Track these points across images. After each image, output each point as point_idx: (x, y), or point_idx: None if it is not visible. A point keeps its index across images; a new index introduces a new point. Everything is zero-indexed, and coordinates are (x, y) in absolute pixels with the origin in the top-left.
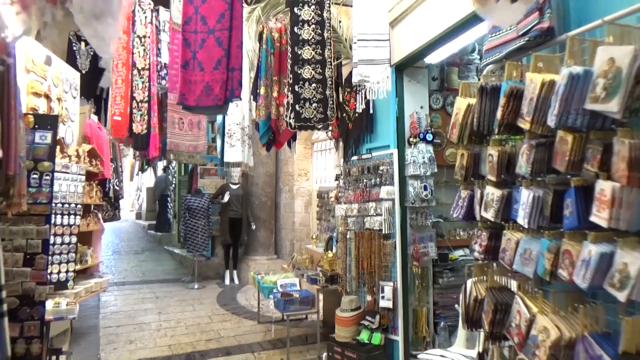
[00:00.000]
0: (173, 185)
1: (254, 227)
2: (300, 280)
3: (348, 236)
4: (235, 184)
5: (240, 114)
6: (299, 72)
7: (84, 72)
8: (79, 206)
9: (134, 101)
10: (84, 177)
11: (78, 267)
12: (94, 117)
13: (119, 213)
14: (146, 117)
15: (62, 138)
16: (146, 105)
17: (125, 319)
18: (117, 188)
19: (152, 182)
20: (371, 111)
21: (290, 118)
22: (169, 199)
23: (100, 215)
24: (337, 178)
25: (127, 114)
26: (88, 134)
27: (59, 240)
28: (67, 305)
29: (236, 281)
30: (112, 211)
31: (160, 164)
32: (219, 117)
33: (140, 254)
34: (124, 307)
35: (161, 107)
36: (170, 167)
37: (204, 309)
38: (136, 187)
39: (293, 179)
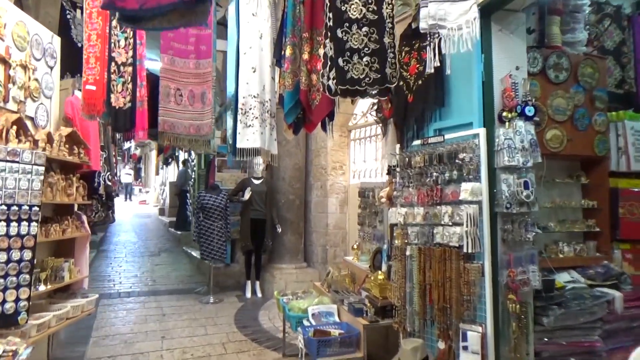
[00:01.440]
0: (192, 180)
1: (279, 230)
2: (339, 308)
3: (409, 253)
4: (257, 178)
5: (258, 82)
6: (342, 8)
7: (80, 45)
8: (36, 208)
9: (114, 64)
10: (42, 169)
11: (49, 287)
12: (79, 94)
13: (113, 215)
14: (130, 87)
15: (33, 118)
16: (130, 69)
17: (120, 346)
18: (109, 183)
19: (175, 177)
20: (445, 74)
21: (329, 79)
22: (188, 195)
23: (84, 218)
24: (389, 171)
25: (103, 81)
26: (69, 115)
27: (0, 257)
28: (3, 353)
29: (259, 294)
30: (104, 212)
31: (181, 156)
32: (230, 87)
33: (156, 255)
34: (121, 329)
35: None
36: (190, 160)
37: (218, 333)
38: (161, 182)
39: (326, 173)
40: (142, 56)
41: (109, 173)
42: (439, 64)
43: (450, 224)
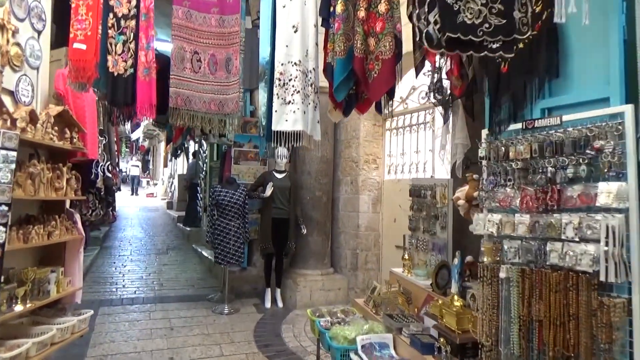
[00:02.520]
0: (204, 173)
1: (304, 231)
2: (395, 338)
3: (504, 275)
4: (280, 172)
5: (300, 45)
6: None
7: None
8: (4, 207)
9: (111, 16)
10: (13, 154)
11: (29, 305)
12: None
13: (114, 212)
14: (132, 47)
15: (14, 92)
16: (133, 24)
17: None
18: (109, 175)
19: (185, 169)
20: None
21: (429, 23)
22: (199, 188)
23: (77, 217)
24: (467, 165)
25: (96, 38)
26: (61, 91)
27: None
28: None
29: (279, 303)
30: (102, 209)
31: (191, 148)
32: (263, 51)
33: (164, 254)
34: (123, 346)
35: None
36: (201, 152)
37: (235, 354)
38: (169, 174)
39: (358, 167)
40: (150, 9)
41: (109, 163)
42: (541, 23)
43: (576, 239)
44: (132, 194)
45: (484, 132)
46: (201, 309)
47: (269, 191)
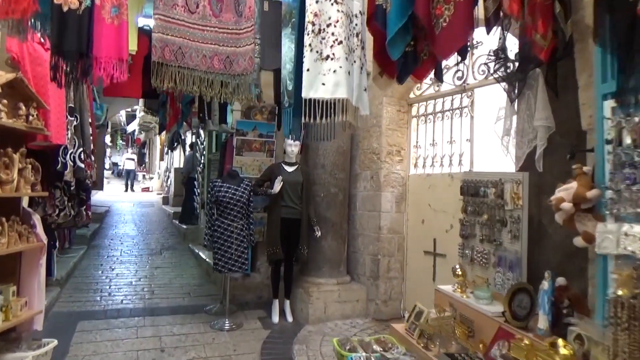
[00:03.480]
0: (201, 166)
1: (318, 234)
2: None
3: None
4: (291, 164)
5: None
6: None
7: None
8: None
9: None
10: None
11: None
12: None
13: (87, 213)
14: None
15: None
16: None
17: None
18: (82, 165)
19: (181, 162)
20: None
21: None
22: (196, 183)
23: (37, 220)
24: (573, 154)
25: None
26: (15, 54)
27: None
28: None
29: (289, 317)
30: (74, 208)
31: (188, 139)
32: None
33: (157, 255)
34: None
35: None
36: (199, 142)
37: None
38: (165, 167)
39: (379, 160)
40: None
41: (81, 150)
42: None
43: None
44: (127, 190)
45: (608, 104)
46: (198, 323)
47: (277, 187)
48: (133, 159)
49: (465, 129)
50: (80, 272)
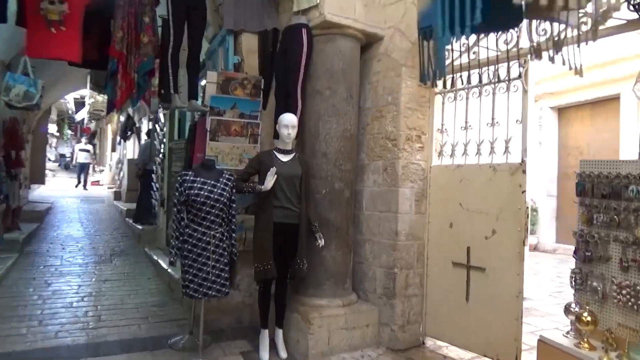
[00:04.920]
0: (161, 156)
1: (321, 242)
2: None
3: None
4: (286, 152)
5: None
6: None
7: None
8: None
9: None
10: None
11: None
12: None
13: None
14: None
15: None
16: None
17: None
18: None
19: (136, 152)
20: None
21: None
22: (154, 176)
23: None
24: None
25: None
26: None
27: None
28: None
29: (282, 353)
30: None
31: (144, 127)
32: None
33: (106, 263)
34: None
35: None
36: (157, 129)
37: None
38: (117, 159)
39: (396, 148)
40: None
41: None
42: None
43: None
44: (79, 185)
45: None
46: None
47: (270, 182)
48: (88, 151)
49: (514, 107)
50: (5, 289)
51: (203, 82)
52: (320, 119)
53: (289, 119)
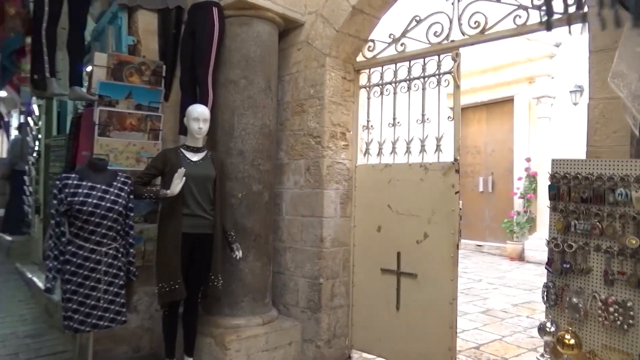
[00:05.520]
0: (35, 155)
1: (239, 254)
2: None
3: None
4: (196, 150)
5: None
6: None
7: None
8: None
9: None
10: None
11: None
12: None
13: None
14: None
15: None
16: None
17: None
18: None
19: (4, 150)
20: None
21: None
22: (26, 178)
23: None
24: None
25: None
26: None
27: None
28: None
29: None
30: None
31: (14, 121)
32: None
33: None
34: None
35: None
36: (31, 122)
37: None
38: None
39: (320, 146)
40: None
41: None
42: None
43: None
44: None
45: None
46: None
47: (177, 186)
48: None
49: (446, 103)
50: None
51: (89, 68)
52: (235, 112)
53: (200, 111)
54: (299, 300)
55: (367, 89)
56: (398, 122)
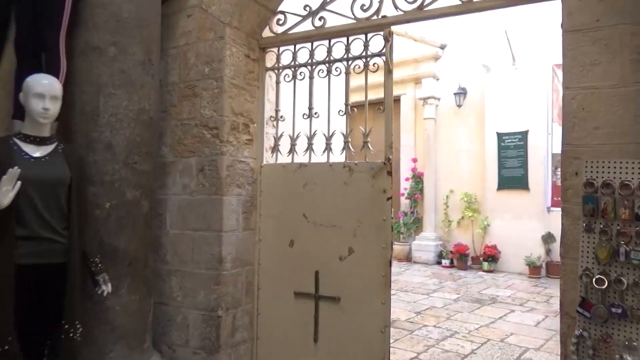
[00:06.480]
0: None
1: (107, 289)
2: None
3: None
4: (40, 142)
5: None
6: None
7: None
8: None
9: None
10: None
11: None
12: None
13: None
14: None
15: None
16: None
17: None
18: None
19: None
20: None
21: None
22: None
23: None
24: None
25: None
26: None
27: None
28: None
29: None
30: None
31: None
32: None
33: None
34: None
35: None
36: None
37: None
38: None
39: (218, 139)
40: None
41: None
42: None
43: None
44: None
45: None
46: None
47: (5, 195)
48: None
49: (375, 91)
50: None
51: None
52: (102, 91)
53: (47, 84)
54: (189, 338)
55: (276, 71)
56: (315, 114)
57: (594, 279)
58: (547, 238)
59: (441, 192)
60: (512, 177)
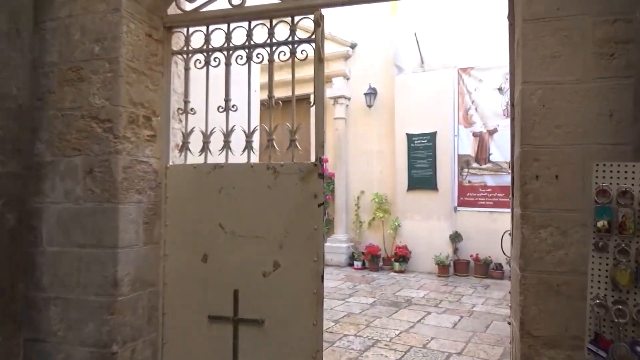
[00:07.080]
0: None
1: None
2: None
3: None
4: None
5: None
6: None
7: None
8: None
9: None
10: None
11: None
12: None
13: None
14: None
15: None
16: None
17: None
18: None
19: None
20: None
21: None
22: None
23: None
24: None
25: None
26: None
27: None
28: None
29: None
30: None
31: None
32: None
33: None
34: None
35: None
36: None
37: None
38: None
39: (112, 134)
40: None
41: None
42: None
43: None
44: None
45: None
46: None
47: None
48: None
49: (303, 82)
50: None
51: None
52: None
53: None
54: None
55: (185, 56)
56: (233, 106)
57: (612, 310)
58: (455, 237)
59: (352, 193)
60: (422, 178)
